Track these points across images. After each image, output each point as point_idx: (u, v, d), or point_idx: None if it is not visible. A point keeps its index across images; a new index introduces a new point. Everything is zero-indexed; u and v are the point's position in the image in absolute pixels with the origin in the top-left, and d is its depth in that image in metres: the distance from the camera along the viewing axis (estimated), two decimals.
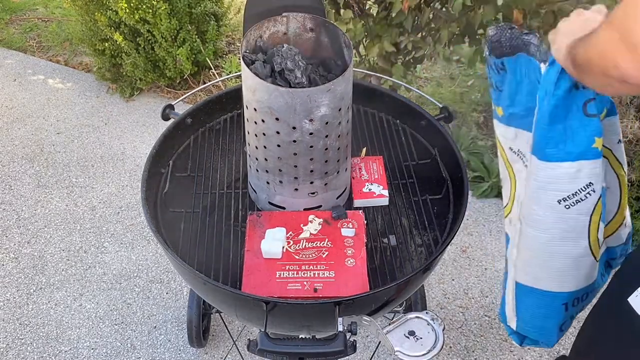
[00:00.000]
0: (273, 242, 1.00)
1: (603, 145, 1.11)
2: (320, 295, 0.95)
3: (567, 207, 1.11)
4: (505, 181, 1.26)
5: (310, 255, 1.01)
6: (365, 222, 1.08)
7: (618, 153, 1.24)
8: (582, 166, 1.06)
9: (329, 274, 0.98)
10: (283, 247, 1.01)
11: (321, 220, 1.07)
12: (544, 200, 1.11)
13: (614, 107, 1.18)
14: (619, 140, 1.23)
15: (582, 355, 1.07)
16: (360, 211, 1.09)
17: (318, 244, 1.02)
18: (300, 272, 0.99)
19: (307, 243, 1.02)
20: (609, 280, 1.41)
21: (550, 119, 1.03)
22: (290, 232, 1.03)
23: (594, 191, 1.09)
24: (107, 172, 2.43)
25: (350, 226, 1.06)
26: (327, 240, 1.03)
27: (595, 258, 1.21)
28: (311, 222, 1.07)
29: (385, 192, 1.12)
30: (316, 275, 0.98)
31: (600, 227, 1.17)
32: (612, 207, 1.28)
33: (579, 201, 1.11)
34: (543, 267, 1.24)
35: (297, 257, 1.01)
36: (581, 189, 1.09)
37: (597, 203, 1.11)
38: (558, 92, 1.00)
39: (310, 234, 1.05)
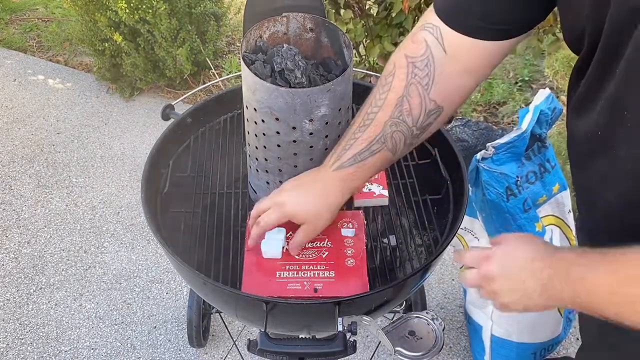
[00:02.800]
0: (273, 242, 1.00)
1: (556, 216, 1.48)
2: (320, 295, 0.95)
3: None
4: (459, 247, 1.59)
5: (310, 255, 1.01)
6: (365, 222, 1.08)
7: (569, 222, 1.51)
8: None
9: (329, 274, 0.98)
10: (283, 248, 1.01)
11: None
12: None
13: (565, 182, 1.48)
14: (569, 211, 1.50)
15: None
16: (361, 211, 1.09)
17: (318, 244, 1.02)
18: (300, 272, 0.99)
19: (307, 243, 1.02)
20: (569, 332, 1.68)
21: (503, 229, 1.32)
22: (290, 232, 1.02)
23: None
24: (107, 172, 2.43)
25: (350, 226, 1.06)
26: (327, 240, 1.03)
27: (560, 313, 1.45)
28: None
29: (385, 192, 1.12)
30: (316, 275, 0.98)
31: None
32: None
33: None
34: (516, 321, 1.51)
35: (297, 257, 1.01)
36: None
37: None
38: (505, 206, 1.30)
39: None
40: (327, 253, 1.01)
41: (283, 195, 0.94)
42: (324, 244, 1.03)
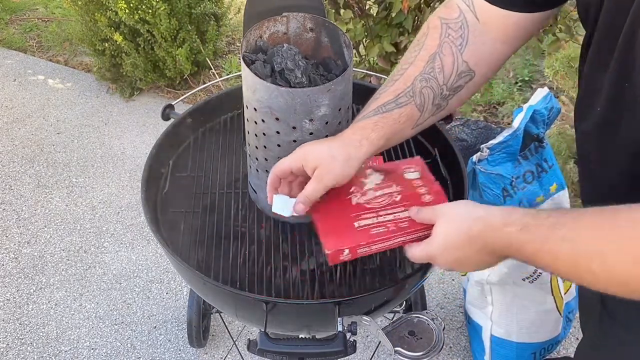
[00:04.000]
0: (284, 198, 0.92)
1: None
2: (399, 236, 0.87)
3: (530, 282, 1.39)
4: None
5: (384, 201, 0.93)
6: (427, 161, 1.03)
7: None
8: None
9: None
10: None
11: (381, 171, 0.99)
12: (512, 278, 1.39)
13: (563, 182, 1.48)
14: None
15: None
16: (419, 157, 1.04)
17: (387, 191, 0.96)
18: (378, 217, 0.91)
19: (375, 192, 0.95)
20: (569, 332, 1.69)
21: None
22: (354, 187, 0.96)
23: None
24: (107, 172, 2.43)
25: (413, 169, 0.99)
26: (394, 185, 0.96)
27: (559, 313, 1.46)
28: (370, 175, 1.00)
29: None
30: (397, 217, 0.90)
31: (560, 286, 1.46)
32: None
33: (538, 276, 1.39)
34: (516, 321, 1.52)
35: (368, 205, 0.93)
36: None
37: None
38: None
39: (375, 184, 0.97)
40: (399, 196, 0.94)
41: (304, 144, 0.88)
42: (392, 189, 0.96)
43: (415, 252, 0.82)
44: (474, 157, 1.30)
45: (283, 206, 0.90)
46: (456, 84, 0.85)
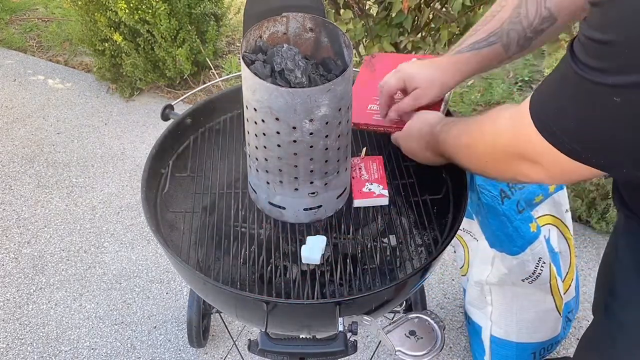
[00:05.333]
0: (314, 248, 1.02)
1: (553, 216, 1.51)
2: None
3: (530, 282, 1.43)
4: (458, 247, 1.63)
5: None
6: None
7: (567, 221, 1.54)
8: (531, 249, 1.34)
9: None
10: (322, 256, 1.03)
11: None
12: (512, 278, 1.43)
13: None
14: (567, 210, 1.54)
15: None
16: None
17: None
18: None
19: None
20: (569, 332, 1.72)
21: (500, 231, 1.33)
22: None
23: (545, 263, 1.37)
24: (107, 172, 2.43)
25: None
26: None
27: (559, 313, 1.47)
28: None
29: (385, 192, 1.12)
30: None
31: (560, 285, 1.47)
32: (565, 267, 1.58)
33: (538, 276, 1.40)
34: (515, 322, 1.53)
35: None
36: (535, 267, 1.38)
37: (550, 271, 1.40)
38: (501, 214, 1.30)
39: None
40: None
41: (404, 66, 1.07)
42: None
43: (393, 136, 1.09)
44: None
45: (315, 257, 1.03)
46: (539, 28, 0.96)
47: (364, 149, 1.23)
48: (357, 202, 1.10)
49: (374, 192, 1.09)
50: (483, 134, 0.83)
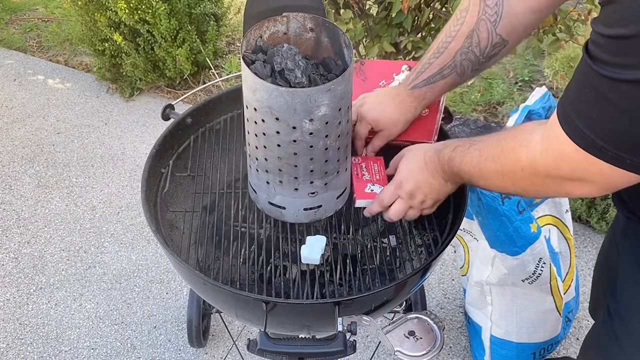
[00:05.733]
0: (314, 248, 1.02)
1: (553, 216, 1.51)
2: None
3: (530, 283, 1.42)
4: (458, 247, 1.63)
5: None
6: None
7: (567, 221, 1.55)
8: (531, 250, 1.34)
9: None
10: (322, 256, 1.03)
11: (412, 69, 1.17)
12: (512, 279, 1.43)
13: None
14: (567, 210, 1.54)
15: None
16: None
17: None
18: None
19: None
20: (569, 331, 1.72)
21: (500, 232, 1.31)
22: (383, 81, 1.17)
23: (545, 263, 1.38)
24: (107, 172, 2.43)
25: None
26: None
27: (559, 313, 1.47)
28: (402, 71, 1.20)
29: None
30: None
31: (560, 286, 1.47)
32: (565, 267, 1.58)
33: (538, 277, 1.40)
34: (515, 322, 1.53)
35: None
36: (536, 267, 1.38)
37: (550, 271, 1.40)
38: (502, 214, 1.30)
39: (400, 83, 1.14)
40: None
41: (365, 108, 1.10)
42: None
43: (386, 190, 1.02)
44: None
45: (315, 257, 1.03)
46: (491, 53, 1.00)
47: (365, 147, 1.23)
48: (360, 203, 1.10)
49: (376, 193, 1.09)
50: (518, 161, 0.77)
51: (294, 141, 0.93)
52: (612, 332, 0.96)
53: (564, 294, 1.55)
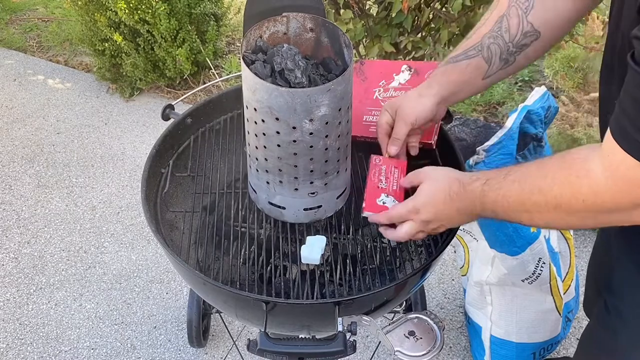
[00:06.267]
0: (314, 248, 1.02)
1: None
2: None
3: (529, 283, 1.42)
4: (458, 247, 1.63)
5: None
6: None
7: None
8: (531, 250, 1.34)
9: None
10: (322, 256, 1.02)
11: (412, 70, 1.15)
12: (512, 279, 1.43)
13: None
14: None
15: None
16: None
17: (404, 93, 1.07)
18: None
19: (394, 92, 1.10)
20: (569, 331, 1.69)
21: (500, 232, 1.30)
22: (383, 81, 1.14)
23: (545, 263, 1.38)
24: (107, 172, 2.43)
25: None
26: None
27: (559, 313, 1.47)
28: (402, 72, 1.17)
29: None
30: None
31: (559, 286, 1.48)
32: (565, 267, 1.58)
33: (538, 277, 1.41)
34: (515, 322, 1.53)
35: (383, 103, 1.07)
36: (535, 267, 1.38)
37: (550, 271, 1.41)
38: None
39: (400, 83, 1.12)
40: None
41: (388, 102, 1.05)
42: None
43: (399, 211, 0.93)
44: (471, 160, 1.30)
45: (315, 257, 1.01)
46: (522, 42, 0.95)
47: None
48: (367, 214, 1.02)
49: (387, 208, 1.00)
50: (578, 193, 0.70)
51: (294, 141, 0.93)
52: (610, 328, 0.96)
53: (564, 294, 1.55)
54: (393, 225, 0.96)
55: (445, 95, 1.01)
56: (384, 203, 1.01)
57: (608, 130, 0.65)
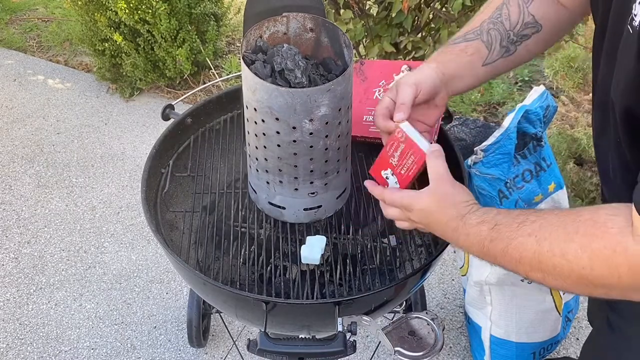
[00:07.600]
0: (314, 248, 1.02)
1: None
2: None
3: (529, 282, 1.39)
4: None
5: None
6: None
7: None
8: None
9: None
10: (322, 256, 1.03)
11: (412, 70, 1.09)
12: (511, 278, 1.42)
13: (561, 181, 1.48)
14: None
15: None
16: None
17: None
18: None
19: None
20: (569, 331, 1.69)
21: None
22: (383, 81, 1.13)
23: None
24: (107, 172, 2.43)
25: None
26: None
27: (559, 313, 1.47)
28: (402, 72, 1.16)
29: None
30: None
31: None
32: None
33: None
34: (515, 322, 1.52)
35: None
36: None
37: None
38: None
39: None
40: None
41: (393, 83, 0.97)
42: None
43: (396, 197, 0.87)
44: (469, 160, 1.30)
45: (314, 257, 1.01)
46: (522, 32, 0.93)
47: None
48: (368, 184, 0.96)
49: (387, 184, 0.96)
50: (616, 271, 0.63)
51: (294, 141, 0.93)
52: (614, 348, 0.94)
53: (564, 293, 1.55)
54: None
55: (445, 73, 0.93)
56: (387, 178, 0.95)
57: (633, 207, 0.61)
